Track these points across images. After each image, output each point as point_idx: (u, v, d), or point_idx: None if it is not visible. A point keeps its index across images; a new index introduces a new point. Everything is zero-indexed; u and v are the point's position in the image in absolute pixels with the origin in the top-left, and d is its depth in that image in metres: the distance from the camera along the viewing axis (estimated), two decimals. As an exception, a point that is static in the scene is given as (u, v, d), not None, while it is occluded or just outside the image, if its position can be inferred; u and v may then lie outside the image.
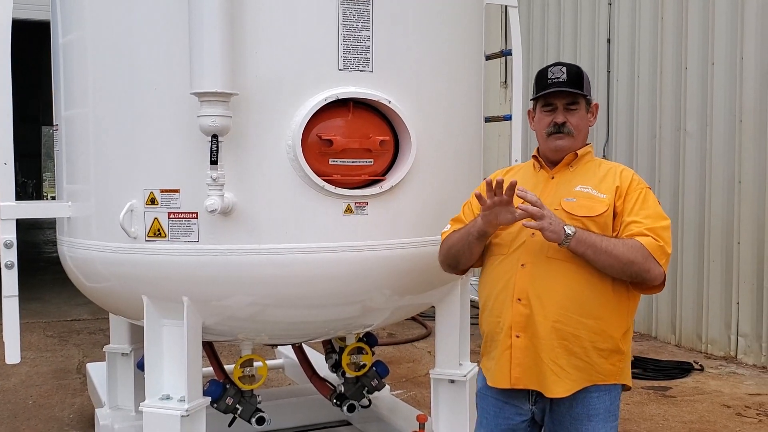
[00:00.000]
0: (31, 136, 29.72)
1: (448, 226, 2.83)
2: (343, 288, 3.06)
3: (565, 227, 2.42)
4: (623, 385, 2.64)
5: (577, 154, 2.65)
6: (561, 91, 2.59)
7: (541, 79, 2.65)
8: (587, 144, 2.72)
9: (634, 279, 2.51)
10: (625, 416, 5.19)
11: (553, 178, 2.65)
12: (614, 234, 2.51)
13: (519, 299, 2.52)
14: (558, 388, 2.51)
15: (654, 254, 2.44)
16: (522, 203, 2.43)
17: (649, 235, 2.46)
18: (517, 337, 2.52)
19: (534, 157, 2.73)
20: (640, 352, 6.87)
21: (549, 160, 2.69)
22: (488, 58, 3.78)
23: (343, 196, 2.95)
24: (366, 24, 2.97)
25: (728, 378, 6.19)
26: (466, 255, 2.69)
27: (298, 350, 4.16)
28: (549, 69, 2.65)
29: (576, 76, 2.62)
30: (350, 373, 3.82)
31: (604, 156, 8.00)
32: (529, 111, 2.78)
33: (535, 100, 2.68)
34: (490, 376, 2.65)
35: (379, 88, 2.99)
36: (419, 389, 5.80)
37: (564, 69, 2.62)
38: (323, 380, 4.00)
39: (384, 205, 3.05)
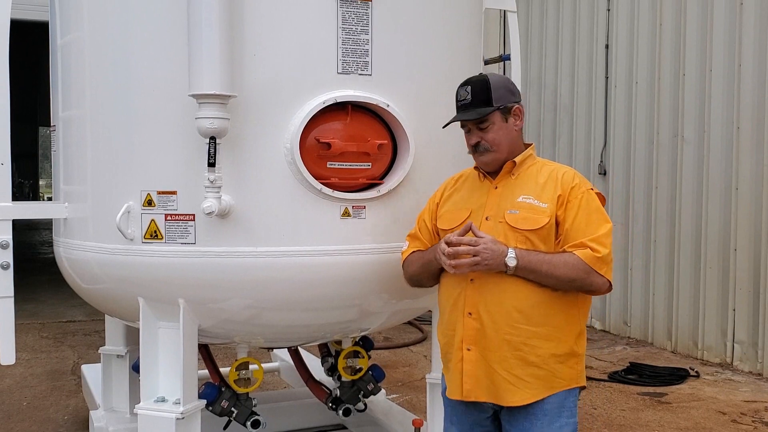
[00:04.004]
0: (28, 136, 29.69)
1: (406, 244, 2.87)
2: (340, 291, 3.05)
3: (506, 260, 2.45)
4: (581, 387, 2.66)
5: (515, 161, 2.64)
6: (465, 116, 2.60)
7: (455, 100, 2.66)
8: (529, 145, 2.71)
9: (578, 291, 2.56)
10: (621, 422, 5.19)
11: (496, 188, 2.66)
12: (557, 241, 2.53)
13: (470, 313, 2.56)
14: (514, 397, 2.54)
15: (594, 267, 2.47)
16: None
17: (588, 247, 2.48)
18: (468, 350, 2.57)
19: (476, 167, 2.74)
20: (636, 358, 6.88)
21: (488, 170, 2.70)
22: (487, 62, 3.78)
23: (340, 199, 2.94)
24: (365, 27, 2.97)
25: (724, 385, 6.19)
26: (431, 281, 2.80)
27: (294, 353, 4.15)
28: (458, 90, 2.65)
29: (481, 93, 2.59)
30: (346, 377, 3.81)
31: (601, 162, 8.02)
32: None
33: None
34: (447, 386, 2.72)
35: (378, 91, 2.99)
36: (415, 393, 5.79)
37: (468, 89, 2.61)
38: (319, 384, 3.99)
39: (382, 209, 3.04)
